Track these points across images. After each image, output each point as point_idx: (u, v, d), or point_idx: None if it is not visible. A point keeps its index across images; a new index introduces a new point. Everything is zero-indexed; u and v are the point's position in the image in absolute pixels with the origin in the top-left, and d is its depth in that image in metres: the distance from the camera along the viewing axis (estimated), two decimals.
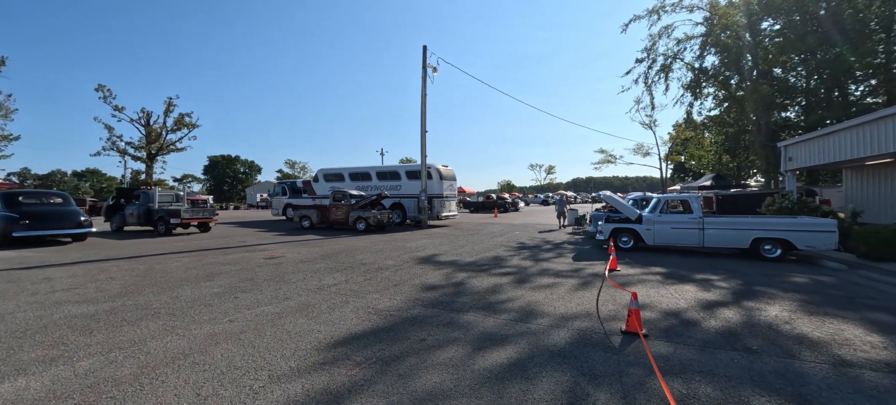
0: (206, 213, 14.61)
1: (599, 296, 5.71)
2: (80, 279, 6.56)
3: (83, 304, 5.01)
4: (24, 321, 4.35)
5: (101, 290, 5.78)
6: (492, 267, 8.23)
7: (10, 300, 5.22)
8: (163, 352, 3.49)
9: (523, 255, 9.93)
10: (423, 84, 18.83)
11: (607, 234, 10.76)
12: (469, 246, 11.52)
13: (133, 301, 5.21)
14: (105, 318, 4.47)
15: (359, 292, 5.86)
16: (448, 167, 20.77)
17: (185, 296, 5.53)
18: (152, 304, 5.05)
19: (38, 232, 10.35)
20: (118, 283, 6.25)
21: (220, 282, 6.46)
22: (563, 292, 6.01)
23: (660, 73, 19.86)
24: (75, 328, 4.13)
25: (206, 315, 4.63)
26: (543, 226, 18.95)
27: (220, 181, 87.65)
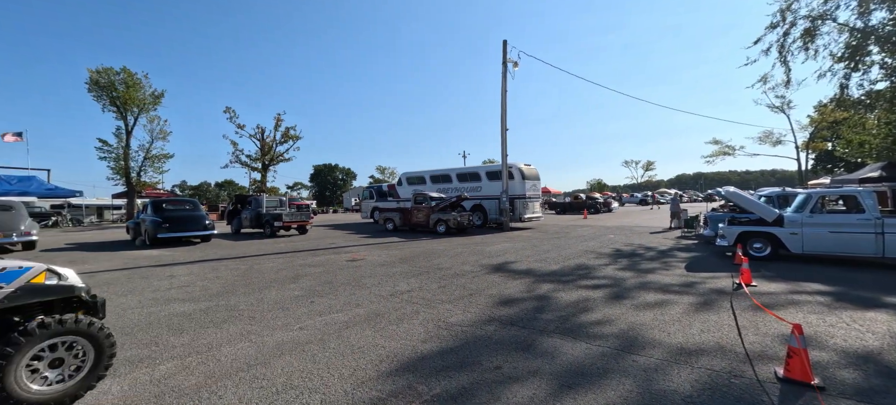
0: (303, 217, 15.93)
1: (733, 321, 4.40)
2: (194, 277, 7.35)
3: (186, 303, 5.47)
4: (136, 317, 4.85)
5: (205, 289, 6.33)
6: (580, 277, 7.19)
7: (137, 295, 5.96)
8: (231, 361, 3.46)
9: (619, 264, 8.59)
10: (504, 80, 18.06)
11: (732, 240, 8.77)
12: (554, 251, 10.47)
13: (225, 302, 5.55)
14: (198, 318, 4.75)
15: (431, 302, 5.46)
16: (531, 166, 19.64)
17: (269, 298, 5.73)
18: (239, 306, 5.29)
19: (176, 233, 12.27)
20: (220, 283, 6.83)
21: (303, 284, 6.66)
22: (678, 314, 4.81)
23: (801, 39, 16.00)
24: (171, 327, 4.43)
25: (281, 320, 4.65)
26: (643, 229, 16.68)
27: (323, 187, 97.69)
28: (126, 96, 27.65)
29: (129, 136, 28.34)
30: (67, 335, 2.77)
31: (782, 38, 16.44)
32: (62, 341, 2.76)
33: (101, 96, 27.48)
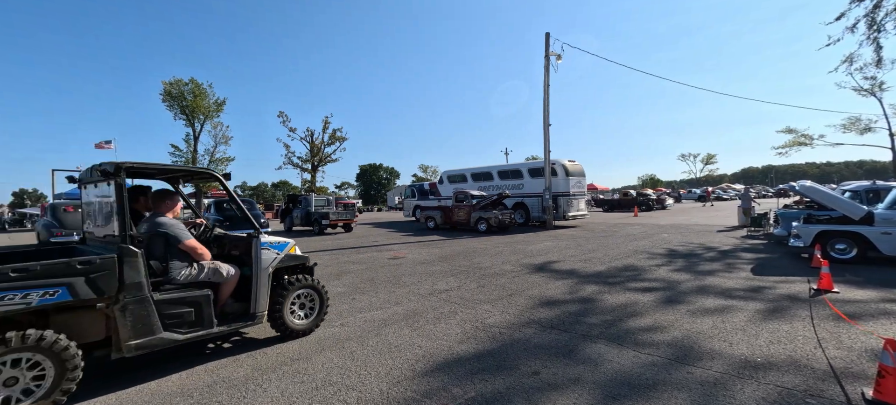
0: (348, 215, 16.54)
1: (810, 331, 3.90)
2: None
3: None
4: None
5: None
6: (628, 279, 6.76)
7: None
8: (276, 355, 3.63)
9: (674, 265, 7.99)
10: (546, 73, 17.51)
11: (809, 240, 7.83)
12: (600, 251, 9.97)
13: None
14: None
15: (469, 301, 5.39)
16: (575, 162, 18.89)
17: None
18: None
19: (234, 232, 13.21)
20: None
21: (346, 281, 6.87)
22: (742, 321, 4.36)
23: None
24: None
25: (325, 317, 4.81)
26: (701, 227, 15.43)
27: (368, 186, 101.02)
28: (194, 105, 30.39)
29: (196, 141, 31.14)
30: (308, 288, 4.20)
31: (871, 11, 14.40)
32: (306, 292, 4.19)
33: (173, 105, 30.42)
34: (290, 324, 4.01)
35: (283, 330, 3.98)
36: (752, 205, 15.20)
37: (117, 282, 2.93)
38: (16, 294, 2.58)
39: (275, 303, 3.88)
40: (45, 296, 2.67)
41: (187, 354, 3.69)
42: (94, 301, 2.89)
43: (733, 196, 49.72)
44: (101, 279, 2.87)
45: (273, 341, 3.97)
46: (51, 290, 2.70)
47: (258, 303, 3.73)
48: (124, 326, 2.95)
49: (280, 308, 3.91)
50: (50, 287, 2.70)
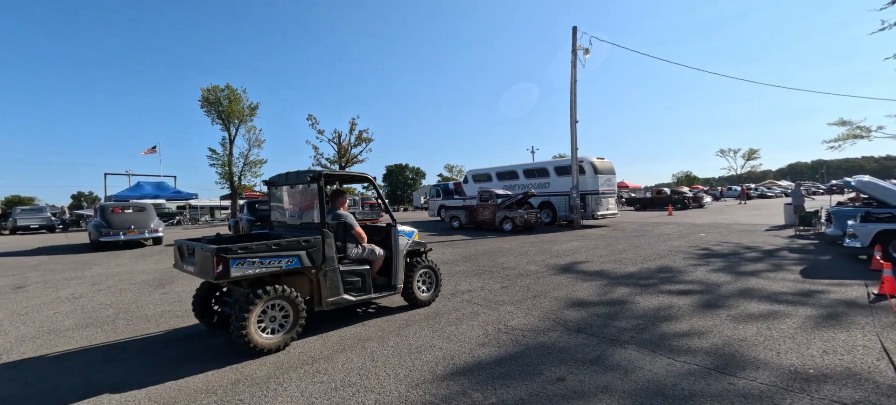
0: (373, 215, 16.72)
1: (874, 340, 3.52)
2: None
3: None
4: None
5: None
6: (663, 280, 6.41)
7: None
8: (299, 354, 3.65)
9: (713, 266, 7.52)
10: (573, 68, 17.02)
11: (868, 240, 7.16)
12: (631, 251, 9.54)
13: None
14: None
15: (492, 302, 5.27)
16: (604, 160, 18.27)
17: None
18: None
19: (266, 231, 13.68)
20: None
21: None
22: (792, 328, 4.00)
23: None
24: None
25: (351, 316, 4.83)
26: (744, 227, 14.52)
27: (394, 187, 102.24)
28: (229, 110, 31.77)
29: (231, 144, 32.53)
30: (427, 268, 5.19)
31: None
32: (426, 271, 5.19)
33: (210, 111, 31.90)
34: (418, 295, 5.05)
35: (412, 300, 5.02)
36: (804, 202, 14.14)
37: (321, 255, 4.04)
38: (274, 260, 3.76)
39: (406, 279, 4.89)
40: (288, 263, 3.84)
41: (212, 351, 3.79)
42: (309, 268, 4.02)
43: (779, 193, 46.64)
44: (315, 253, 4.01)
45: (297, 335, 4.01)
46: (289, 259, 3.85)
47: (397, 277, 4.79)
48: (324, 288, 4.11)
49: (410, 283, 4.93)
50: (290, 257, 3.85)
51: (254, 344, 3.54)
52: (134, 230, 11.90)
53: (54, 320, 4.94)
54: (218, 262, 3.43)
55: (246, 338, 3.50)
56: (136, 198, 24.62)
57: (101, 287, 6.85)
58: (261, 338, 3.61)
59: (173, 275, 7.77)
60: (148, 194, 24.89)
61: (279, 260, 3.79)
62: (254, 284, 3.79)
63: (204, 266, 3.63)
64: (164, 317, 4.98)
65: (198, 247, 3.77)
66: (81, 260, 10.22)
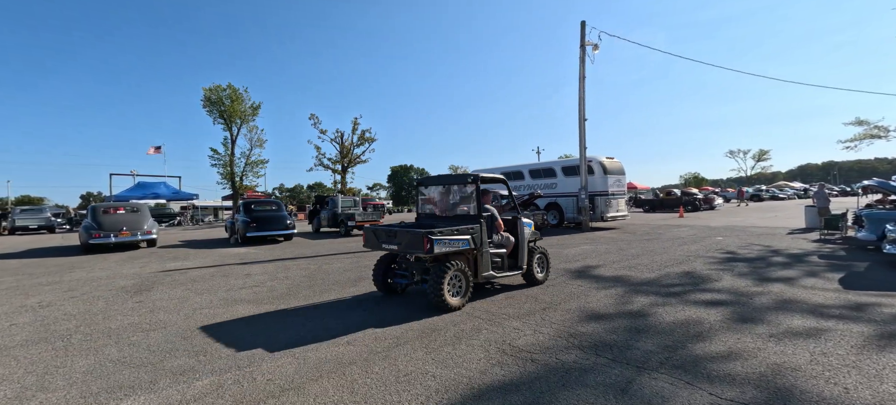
0: (374, 216, 16.21)
1: None
2: (266, 276, 7.55)
3: (250, 305, 5.46)
4: (202, 319, 4.89)
5: (272, 290, 6.35)
6: (687, 289, 5.78)
7: (211, 295, 6.17)
8: (266, 382, 3.09)
9: (737, 271, 6.87)
10: (582, 65, 16.39)
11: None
12: (646, 256, 8.90)
13: (286, 305, 5.42)
14: (254, 325, 4.61)
15: (496, 316, 4.68)
16: (614, 159, 17.59)
17: (328, 302, 5.47)
18: (297, 311, 5.09)
19: (261, 233, 13.22)
20: (287, 284, 6.85)
21: (363, 287, 6.35)
22: (851, 352, 3.37)
23: None
24: (227, 334, 4.31)
25: (332, 331, 4.27)
26: (762, 230, 13.78)
27: (399, 187, 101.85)
28: (231, 109, 31.49)
29: (233, 144, 32.25)
30: (541, 253, 6.37)
31: None
32: (540, 256, 6.33)
33: (212, 111, 31.66)
34: (536, 275, 6.14)
35: (531, 279, 6.11)
36: (829, 204, 13.37)
37: (480, 239, 5.17)
38: (457, 242, 4.90)
39: (527, 262, 5.96)
40: (463, 244, 4.98)
41: (170, 374, 3.24)
42: (471, 250, 5.15)
43: (791, 195, 45.47)
44: (476, 237, 5.13)
45: (269, 356, 3.45)
46: (463, 241, 4.99)
47: (522, 260, 5.89)
48: (480, 265, 5.24)
49: (530, 265, 6.02)
50: (463, 240, 4.99)
51: (447, 302, 4.78)
52: (126, 232, 11.44)
53: (6, 334, 4.43)
54: (426, 241, 4.63)
55: (441, 298, 4.75)
56: (134, 198, 24.36)
57: (75, 294, 6.36)
58: (450, 299, 4.85)
59: (154, 282, 7.28)
60: (148, 195, 24.63)
61: (459, 242, 4.96)
62: (440, 260, 4.94)
63: (413, 244, 4.87)
64: (128, 331, 4.44)
65: (402, 230, 5.12)
66: (66, 263, 9.78)
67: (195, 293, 6.23)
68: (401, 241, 5.07)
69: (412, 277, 5.49)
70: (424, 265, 5.27)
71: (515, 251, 5.89)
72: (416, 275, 5.44)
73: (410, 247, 4.94)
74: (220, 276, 7.64)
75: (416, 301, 5.43)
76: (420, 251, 4.74)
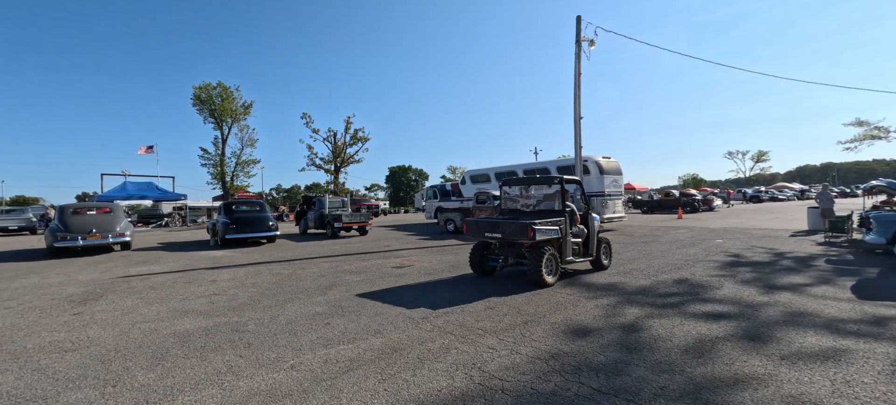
0: (362, 218, 15.64)
1: None
2: (232, 283, 6.98)
3: (200, 318, 4.89)
4: (139, 335, 4.34)
5: (232, 299, 5.79)
6: (687, 298, 5.24)
7: (163, 304, 5.61)
8: None
9: (740, 277, 6.34)
10: (577, 61, 15.85)
11: None
12: (642, 259, 8.37)
13: (239, 318, 4.86)
14: (193, 342, 4.05)
15: (470, 331, 4.13)
16: (611, 159, 17.07)
17: (287, 314, 4.92)
18: (248, 326, 4.53)
19: (241, 235, 12.63)
20: (251, 292, 6.29)
21: (332, 297, 5.79)
22: (875, 379, 2.85)
23: None
24: (157, 354, 3.76)
25: (278, 351, 3.72)
26: (763, 233, 13.27)
27: (397, 188, 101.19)
28: (221, 108, 30.93)
29: (224, 144, 31.69)
30: (606, 243, 7.30)
31: None
32: (606, 245, 7.27)
33: (203, 109, 31.10)
34: (603, 262, 7.10)
35: (598, 265, 7.10)
36: (833, 206, 12.86)
37: (566, 230, 6.23)
38: (551, 231, 5.98)
39: (596, 251, 6.98)
40: (555, 232, 6.05)
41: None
42: (558, 239, 6.15)
43: (791, 196, 45.11)
44: (563, 228, 6.17)
45: (192, 385, 2.90)
46: (555, 231, 6.05)
47: (592, 249, 6.87)
48: (564, 251, 6.26)
49: (599, 253, 7.01)
50: (556, 229, 6.07)
51: (544, 280, 5.84)
52: (96, 234, 10.81)
53: None
54: (530, 230, 5.68)
55: (540, 276, 5.80)
56: (119, 198, 23.73)
57: (11, 304, 5.78)
58: (547, 277, 5.88)
59: (107, 289, 6.70)
60: (133, 195, 24.01)
61: (551, 231, 6.00)
62: (537, 246, 5.95)
63: (517, 232, 5.88)
64: (44, 350, 3.87)
65: (505, 221, 6.29)
66: (23, 268, 9.18)
67: (146, 303, 5.66)
68: (504, 231, 6.14)
69: (507, 261, 6.62)
70: (519, 251, 6.34)
71: (587, 241, 6.91)
72: (510, 260, 6.56)
73: (515, 234, 5.97)
74: (182, 283, 7.07)
75: (389, 312, 4.89)
76: (524, 238, 5.83)
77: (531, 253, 5.93)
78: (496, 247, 6.80)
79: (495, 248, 6.84)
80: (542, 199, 7.12)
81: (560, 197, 6.57)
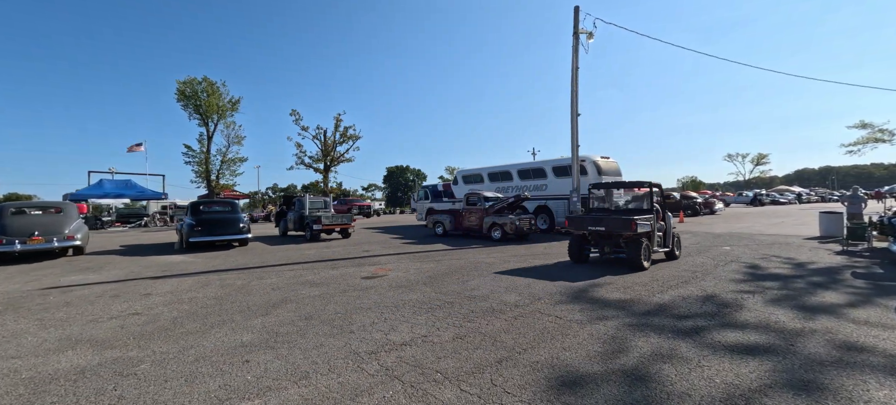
0: (344, 220, 14.62)
1: None
2: (165, 298, 5.97)
3: (91, 351, 3.88)
4: (2, 371, 3.30)
5: (150, 321, 4.79)
6: (705, 323, 4.25)
7: (61, 329, 4.61)
8: None
9: (767, 295, 5.36)
10: (574, 54, 14.89)
11: None
12: (647, 271, 7.38)
13: (139, 351, 3.84)
14: (58, 390, 3.04)
15: (425, 376, 3.13)
16: (610, 159, 16.13)
17: (203, 347, 3.91)
18: (141, 365, 3.51)
19: (206, 238, 11.57)
20: (182, 310, 5.29)
21: (274, 319, 4.79)
22: None
23: None
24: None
25: (175, 400, 2.71)
26: (772, 238, 12.31)
27: (395, 188, 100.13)
28: (207, 104, 29.84)
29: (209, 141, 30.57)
30: (677, 236, 8.78)
31: None
32: (677, 239, 8.75)
33: (188, 105, 30.00)
34: (675, 253, 8.36)
35: (671, 256, 8.27)
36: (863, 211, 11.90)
37: (654, 225, 7.68)
38: (645, 225, 7.46)
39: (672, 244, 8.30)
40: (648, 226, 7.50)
41: None
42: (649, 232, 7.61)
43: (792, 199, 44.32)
44: (653, 223, 7.63)
45: None
46: (648, 224, 7.52)
47: (669, 242, 8.20)
48: (652, 242, 7.64)
49: (672, 245, 8.28)
50: (648, 223, 7.54)
51: (641, 264, 7.13)
52: (38, 238, 9.69)
53: None
54: (634, 224, 7.11)
55: (639, 262, 7.12)
56: (95, 196, 22.64)
57: None
58: (644, 262, 7.20)
59: (11, 306, 5.68)
60: (110, 193, 22.91)
61: (646, 225, 7.38)
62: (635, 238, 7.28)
63: (621, 226, 7.27)
64: None
65: (608, 217, 7.78)
66: None
67: (42, 326, 4.63)
68: (608, 225, 7.51)
69: (603, 250, 7.95)
70: (616, 241, 7.63)
71: (665, 234, 8.19)
72: (607, 249, 7.87)
73: (619, 228, 7.32)
74: (108, 298, 6.04)
75: (331, 345, 3.88)
76: (627, 231, 7.17)
77: (631, 243, 7.33)
78: (591, 240, 8.17)
79: (590, 240, 8.22)
80: (630, 200, 8.90)
81: (649, 198, 8.12)
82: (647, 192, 8.25)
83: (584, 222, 8.01)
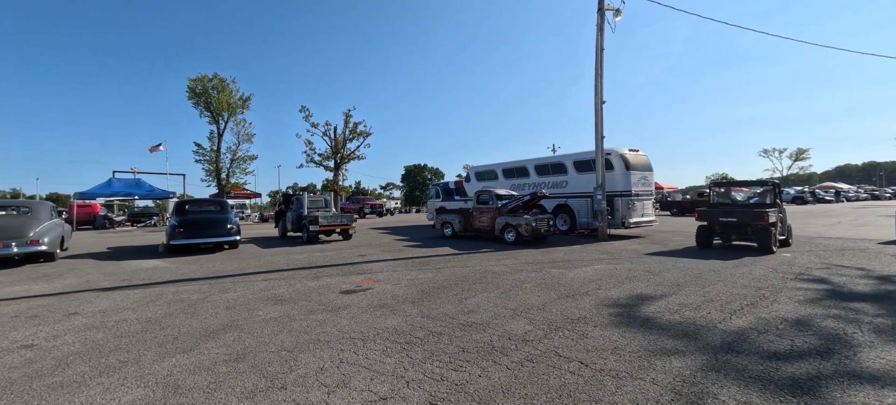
0: (343, 220, 13.47)
1: None
2: (89, 320, 4.89)
3: None
4: None
5: (24, 366, 3.63)
6: (808, 370, 2.70)
7: None
8: None
9: (876, 323, 3.73)
10: (599, 33, 13.24)
11: None
12: (692, 284, 5.80)
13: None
14: None
15: None
16: (639, 152, 14.39)
17: (80, 401, 2.69)
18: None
19: (189, 240, 10.59)
20: (90, 340, 4.17)
21: (192, 360, 3.56)
22: None
23: None
24: None
25: None
26: (836, 241, 10.38)
27: (413, 187, 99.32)
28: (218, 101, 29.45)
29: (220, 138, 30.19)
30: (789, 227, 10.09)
31: None
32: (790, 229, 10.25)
33: (198, 103, 29.70)
34: (788, 241, 9.62)
35: (784, 244, 9.50)
36: None
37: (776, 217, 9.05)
38: (773, 214, 8.84)
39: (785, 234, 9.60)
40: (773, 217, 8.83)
41: None
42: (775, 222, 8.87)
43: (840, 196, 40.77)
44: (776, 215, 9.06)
45: None
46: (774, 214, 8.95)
47: (785, 231, 9.41)
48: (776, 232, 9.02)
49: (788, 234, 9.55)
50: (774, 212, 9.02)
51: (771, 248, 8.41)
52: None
53: None
54: (766, 216, 8.39)
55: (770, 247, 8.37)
56: (104, 195, 22.40)
57: None
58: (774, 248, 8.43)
59: None
60: (119, 192, 22.62)
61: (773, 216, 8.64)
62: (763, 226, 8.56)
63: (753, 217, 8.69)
64: None
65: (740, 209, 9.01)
66: None
67: None
68: (739, 216, 8.96)
69: (729, 238, 9.51)
70: (746, 230, 8.98)
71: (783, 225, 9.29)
72: (733, 237, 9.41)
73: (750, 218, 8.79)
74: (23, 319, 4.96)
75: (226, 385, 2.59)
76: (759, 221, 8.64)
77: (761, 232, 8.60)
78: (718, 229, 9.48)
79: (716, 229, 9.52)
80: (753, 195, 10.56)
81: (772, 193, 9.62)
82: (770, 189, 9.84)
83: (714, 214, 9.43)
